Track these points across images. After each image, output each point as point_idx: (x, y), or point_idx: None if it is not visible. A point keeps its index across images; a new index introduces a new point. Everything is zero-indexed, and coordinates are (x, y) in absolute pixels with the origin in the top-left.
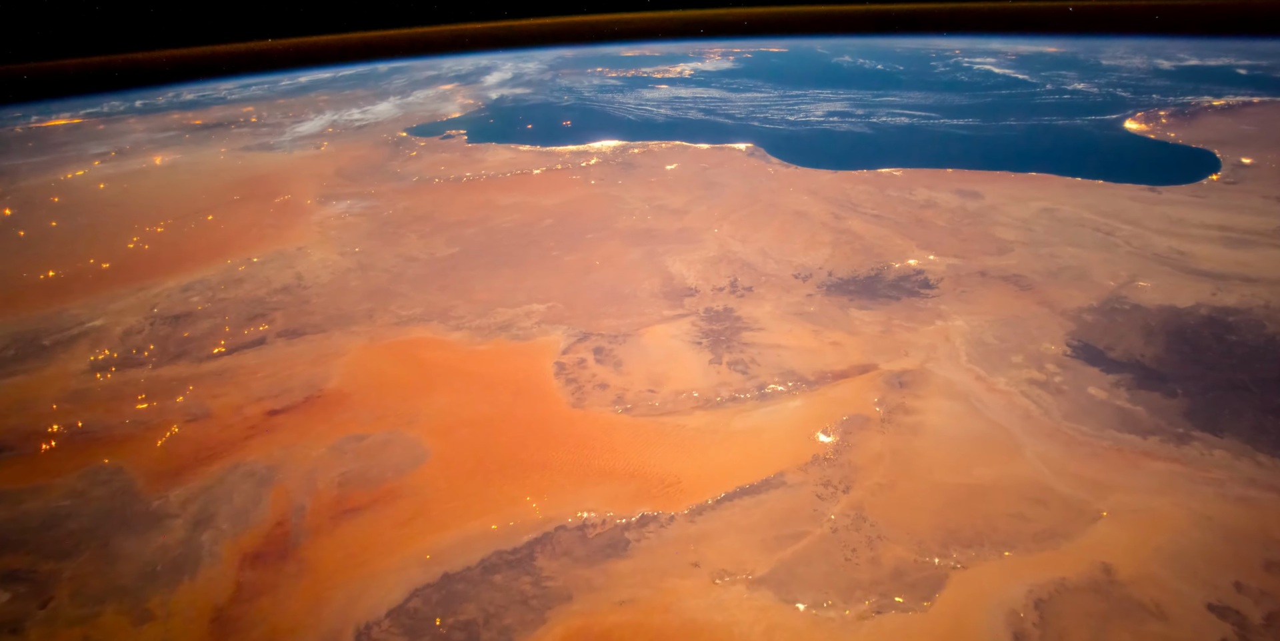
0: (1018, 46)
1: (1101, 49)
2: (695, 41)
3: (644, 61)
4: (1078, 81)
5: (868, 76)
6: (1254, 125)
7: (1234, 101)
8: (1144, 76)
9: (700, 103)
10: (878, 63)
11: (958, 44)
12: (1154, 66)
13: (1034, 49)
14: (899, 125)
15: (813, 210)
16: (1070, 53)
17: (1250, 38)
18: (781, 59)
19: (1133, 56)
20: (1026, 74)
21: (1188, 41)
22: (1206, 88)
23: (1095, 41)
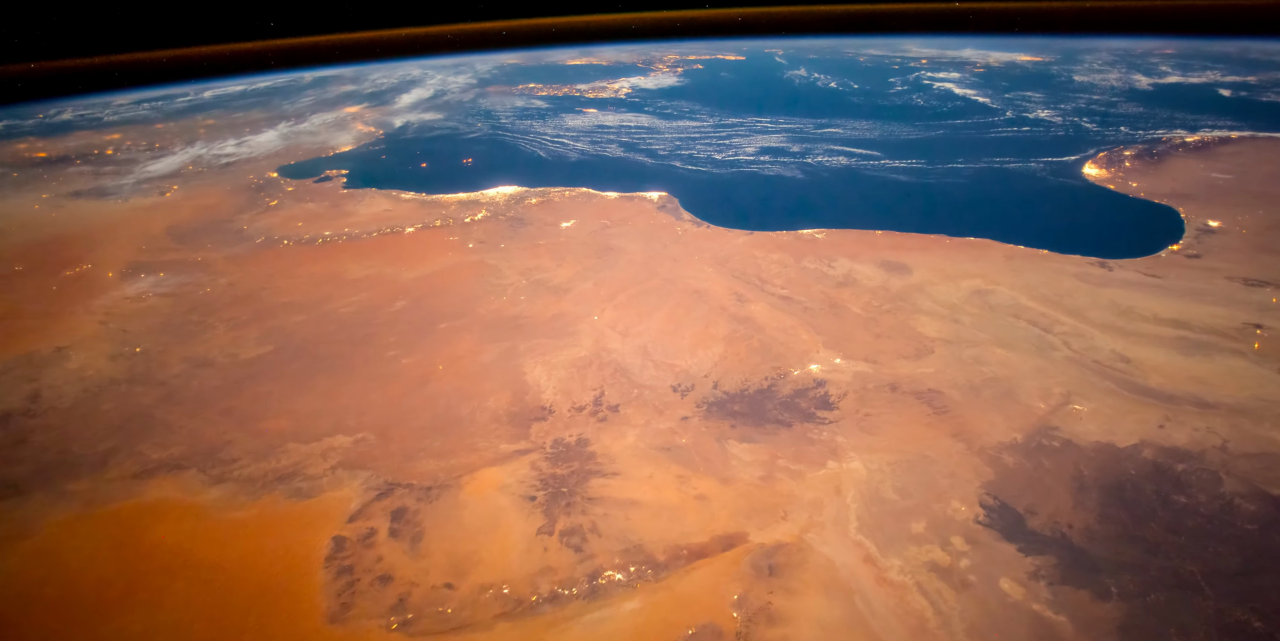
0: (991, 55)
1: (1081, 56)
2: (660, 43)
3: (586, 74)
4: (1042, 107)
5: (817, 98)
6: (1228, 170)
7: (1209, 138)
8: (1116, 99)
9: (625, 134)
10: (833, 79)
11: (931, 49)
12: (1130, 84)
13: (1007, 57)
14: (835, 168)
15: (714, 289)
16: (1044, 64)
17: (1245, 38)
18: (732, 72)
19: (1110, 69)
20: (989, 96)
21: (1177, 42)
22: (1182, 117)
23: (1081, 42)
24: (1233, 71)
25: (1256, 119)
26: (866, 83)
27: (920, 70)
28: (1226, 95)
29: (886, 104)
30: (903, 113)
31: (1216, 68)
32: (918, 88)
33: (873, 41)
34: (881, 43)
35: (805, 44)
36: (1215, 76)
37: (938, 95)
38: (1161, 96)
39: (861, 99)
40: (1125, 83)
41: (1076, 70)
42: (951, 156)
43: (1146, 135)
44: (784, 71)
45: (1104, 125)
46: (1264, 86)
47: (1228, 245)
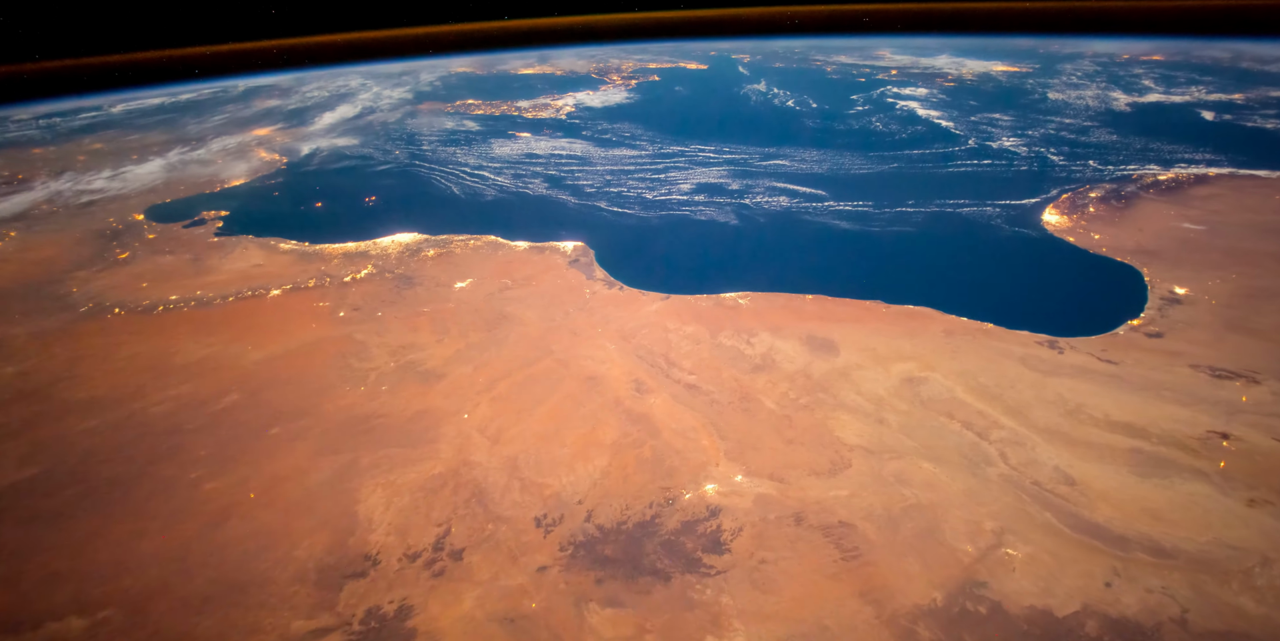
0: (966, 64)
1: (1061, 65)
2: (636, 44)
3: (533, 86)
4: (1009, 134)
5: (770, 120)
6: (1200, 220)
7: (1184, 176)
8: (1089, 124)
9: (554, 165)
10: (791, 96)
11: (905, 55)
12: (1106, 104)
13: (983, 67)
14: (774, 211)
15: (613, 374)
16: (1020, 76)
17: (1242, 39)
18: (689, 85)
19: (1088, 83)
20: (953, 119)
21: (1169, 44)
22: (1157, 148)
23: (1069, 44)
24: (1219, 87)
25: (1237, 150)
26: (827, 100)
27: (887, 84)
28: (1209, 119)
29: (843, 128)
30: (858, 140)
31: (1202, 82)
32: (880, 107)
33: (852, 43)
34: (860, 44)
35: (780, 46)
36: (1199, 94)
37: (899, 117)
38: (1138, 120)
39: (817, 122)
40: (1102, 101)
41: (1053, 84)
42: (902, 196)
43: (1116, 171)
44: (742, 85)
45: (1072, 158)
46: (1249, 107)
47: (1194, 320)
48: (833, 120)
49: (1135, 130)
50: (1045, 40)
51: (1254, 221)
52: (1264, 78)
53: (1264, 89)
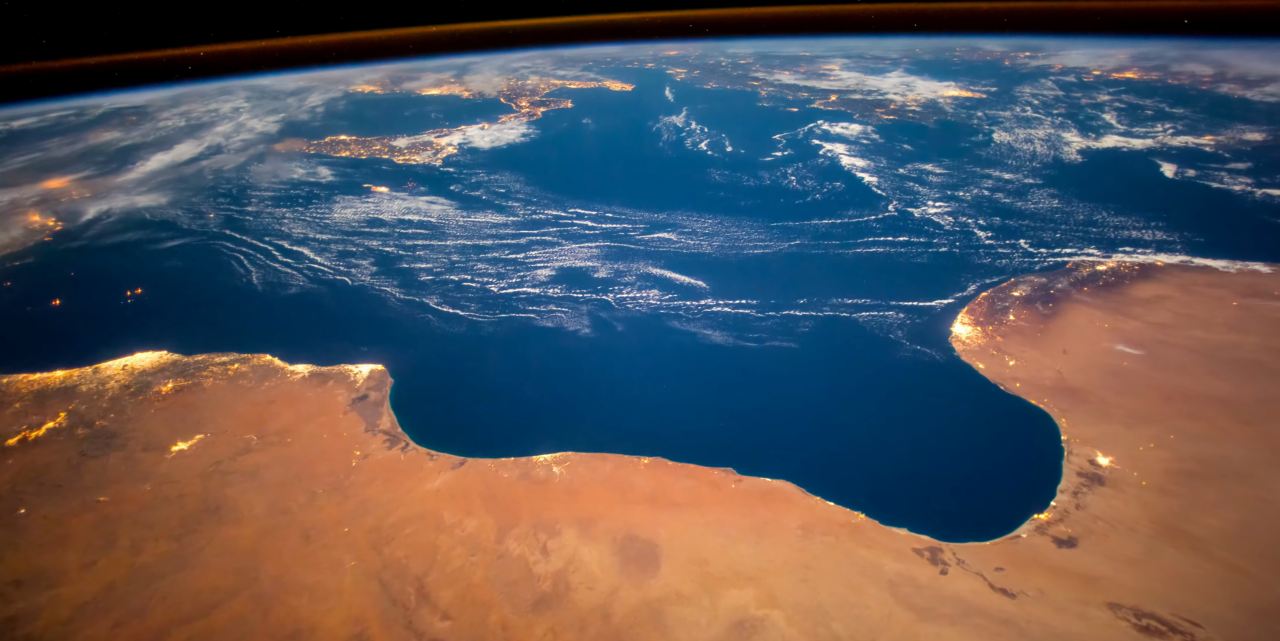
0: (916, 86)
1: (1020, 89)
2: (577, 48)
3: (424, 117)
4: (936, 196)
5: (672, 171)
6: (1140, 338)
7: (1128, 266)
8: (1031, 181)
9: (397, 238)
10: (708, 135)
11: (854, 72)
12: (1055, 151)
13: (933, 92)
14: (638, 315)
15: (326, 626)
16: (970, 106)
17: (1229, 39)
18: (600, 117)
19: (1041, 119)
20: (879, 171)
21: (1147, 47)
22: (1102, 221)
23: (1043, 44)
24: (1188, 124)
25: (1195, 226)
26: (746, 140)
27: (819, 118)
28: (1169, 175)
29: (752, 183)
30: (765, 202)
31: (1171, 117)
32: (802, 152)
33: (812, 47)
34: (817, 50)
35: (735, 51)
36: (1164, 136)
37: (819, 168)
38: (1087, 176)
39: (725, 174)
40: (1051, 146)
41: (1003, 119)
42: (795, 291)
43: (1049, 256)
44: (659, 118)
45: (1001, 235)
46: (1217, 159)
47: (1118, 516)
48: (744, 171)
49: (1081, 192)
50: (1025, 41)
51: (1202, 343)
52: (1241, 110)
53: (1238, 128)
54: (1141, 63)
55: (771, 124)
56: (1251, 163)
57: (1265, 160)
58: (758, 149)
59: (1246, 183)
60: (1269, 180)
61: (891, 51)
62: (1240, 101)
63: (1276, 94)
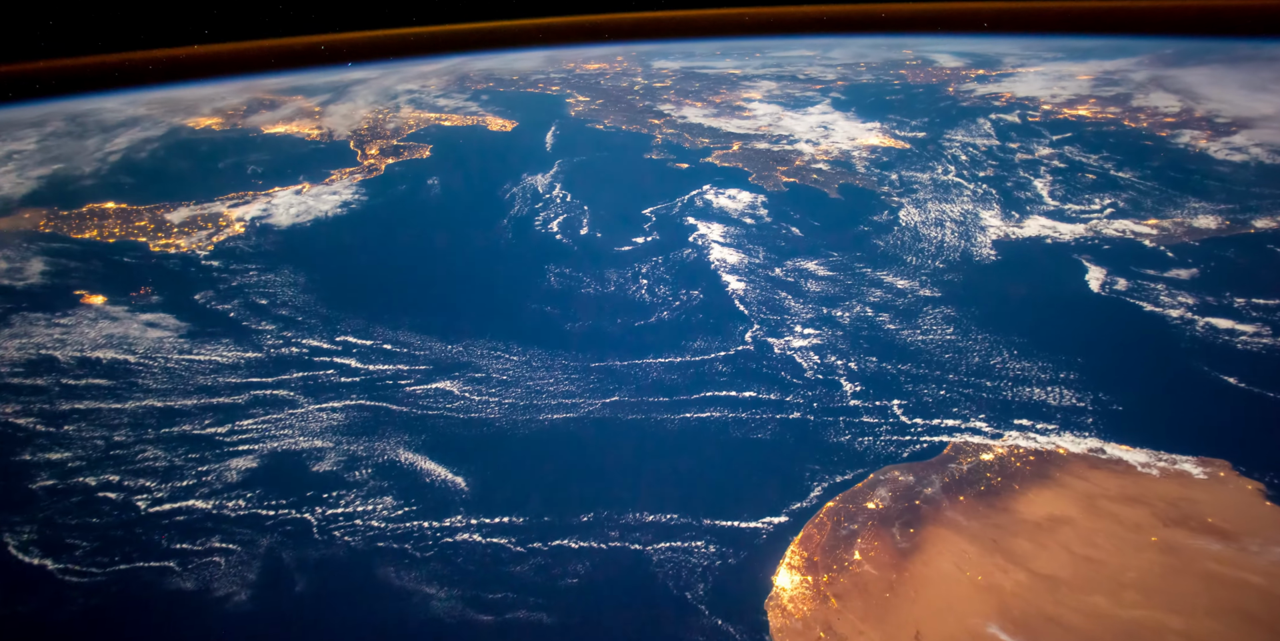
0: (833, 131)
1: (953, 134)
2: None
3: (239, 168)
4: (805, 317)
5: (499, 266)
6: (1026, 605)
7: (1022, 454)
8: (928, 293)
9: (36, 405)
10: (564, 208)
11: (773, 106)
12: (965, 243)
13: (851, 141)
14: (340, 558)
15: None
16: (886, 162)
17: (1205, 39)
18: (454, 173)
19: (964, 186)
20: (751, 273)
21: (1111, 61)
22: (1000, 369)
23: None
24: (1134, 197)
25: (1114, 383)
26: (611, 216)
27: (709, 180)
28: (1094, 288)
29: (590, 292)
30: (596, 324)
31: (1117, 185)
32: (671, 237)
33: (764, 48)
34: (765, 62)
35: (668, 64)
36: (1099, 220)
37: (682, 265)
38: (993, 290)
39: (567, 273)
40: (963, 236)
41: (917, 186)
42: (584, 498)
43: (926, 431)
44: (521, 178)
45: (873, 389)
46: (1157, 259)
47: None
48: (591, 269)
49: (984, 313)
50: (992, 45)
51: (1106, 626)
52: (1199, 173)
53: (1190, 206)
54: (1102, 89)
55: (652, 189)
56: (1197, 268)
57: (1212, 266)
58: (620, 231)
59: (1187, 304)
60: (1214, 301)
61: (835, 65)
62: (1200, 159)
63: (1243, 146)
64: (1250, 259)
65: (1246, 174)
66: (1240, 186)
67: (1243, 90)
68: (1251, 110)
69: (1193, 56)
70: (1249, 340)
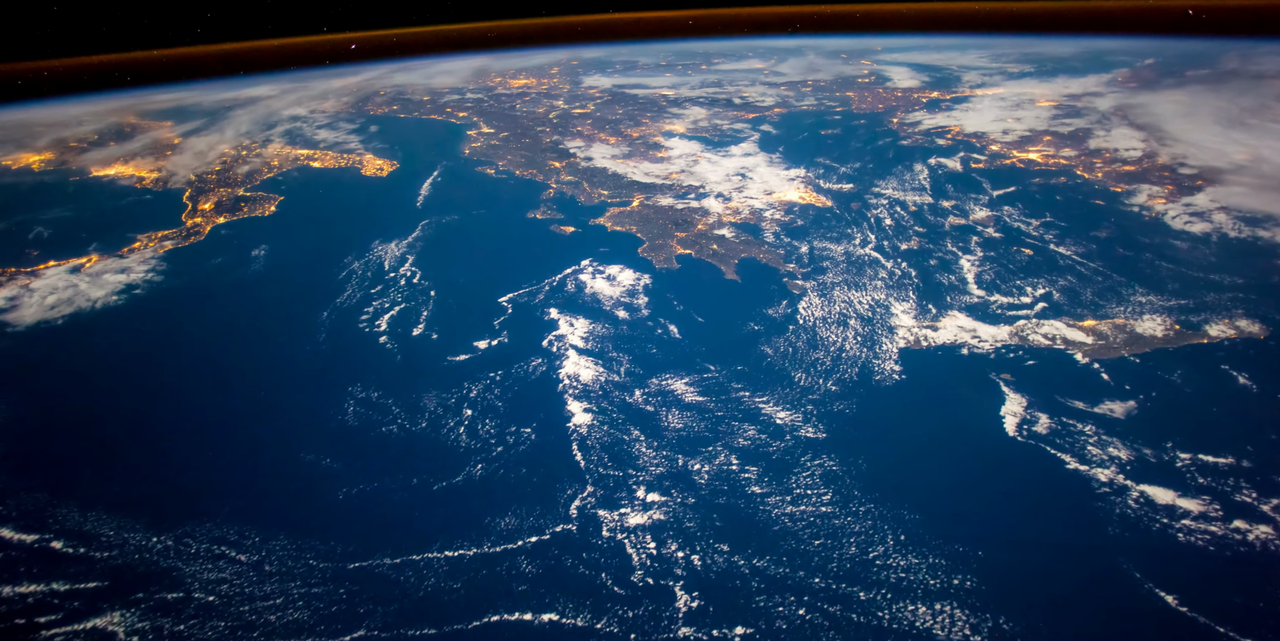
0: (749, 182)
1: (884, 187)
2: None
3: (32, 236)
4: (641, 494)
5: (284, 398)
6: None
7: None
8: (806, 447)
9: None
10: (403, 297)
11: (693, 144)
12: (869, 353)
13: (769, 195)
14: None
15: None
16: (795, 238)
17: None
18: (295, 237)
19: (880, 264)
20: (600, 404)
21: (1079, 80)
22: (895, 568)
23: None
24: (1069, 294)
25: (1024, 586)
26: (460, 306)
27: (591, 253)
28: (1010, 431)
29: (393, 429)
30: (375, 495)
31: (1050, 270)
32: (522, 340)
33: (726, 48)
34: (704, 80)
35: (599, 81)
36: (1028, 321)
37: (527, 387)
38: (889, 447)
39: (375, 398)
40: (867, 341)
41: (828, 263)
42: None
43: None
44: (372, 246)
45: (715, 602)
46: (1089, 383)
47: None
48: (405, 395)
49: (867, 474)
50: (969, 44)
51: None
52: (1153, 250)
53: (1137, 299)
54: (1060, 123)
55: (521, 265)
56: (1135, 401)
57: (1154, 397)
58: (463, 330)
59: (1119, 461)
60: (1153, 456)
61: (780, 84)
62: (1154, 228)
63: (1205, 210)
64: (1199, 386)
65: (1204, 253)
66: (1196, 270)
67: (1216, 126)
68: (1221, 156)
69: (1172, 71)
70: (1192, 528)
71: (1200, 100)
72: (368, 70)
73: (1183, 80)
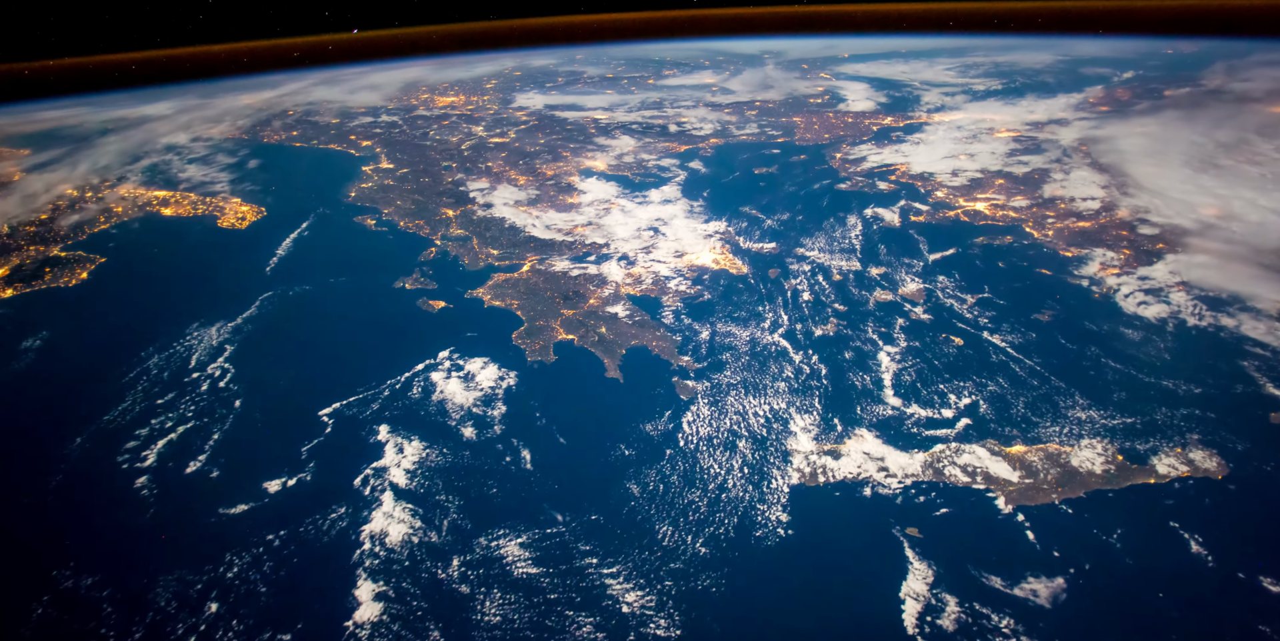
0: (666, 237)
1: (818, 227)
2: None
3: None
4: None
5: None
6: None
7: None
8: (674, 639)
9: None
10: (213, 433)
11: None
12: (753, 521)
13: (672, 265)
14: None
15: None
16: (689, 327)
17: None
18: (69, 341)
19: (750, 381)
20: (403, 614)
21: (1047, 101)
22: None
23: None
24: (998, 408)
25: None
26: (269, 421)
27: (463, 335)
28: (908, 628)
29: None
30: None
31: (980, 371)
32: (335, 472)
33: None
34: (643, 100)
35: (530, 101)
36: (945, 449)
37: (303, 559)
38: (775, 601)
39: (81, 595)
40: (763, 465)
41: (730, 354)
42: None
43: None
44: (183, 333)
45: None
46: (1029, 499)
47: None
48: (134, 574)
49: None
50: (942, 48)
51: None
52: (1108, 334)
53: (1073, 415)
54: (1016, 162)
55: (365, 356)
56: (1064, 579)
57: (1087, 571)
58: (252, 469)
59: None
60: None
61: (725, 106)
62: (1104, 311)
63: (1162, 288)
64: (1142, 558)
65: (1158, 348)
66: (1147, 372)
67: (1186, 169)
68: (1187, 210)
69: (1150, 90)
70: None
71: (1173, 133)
72: (295, 81)
73: (1159, 103)
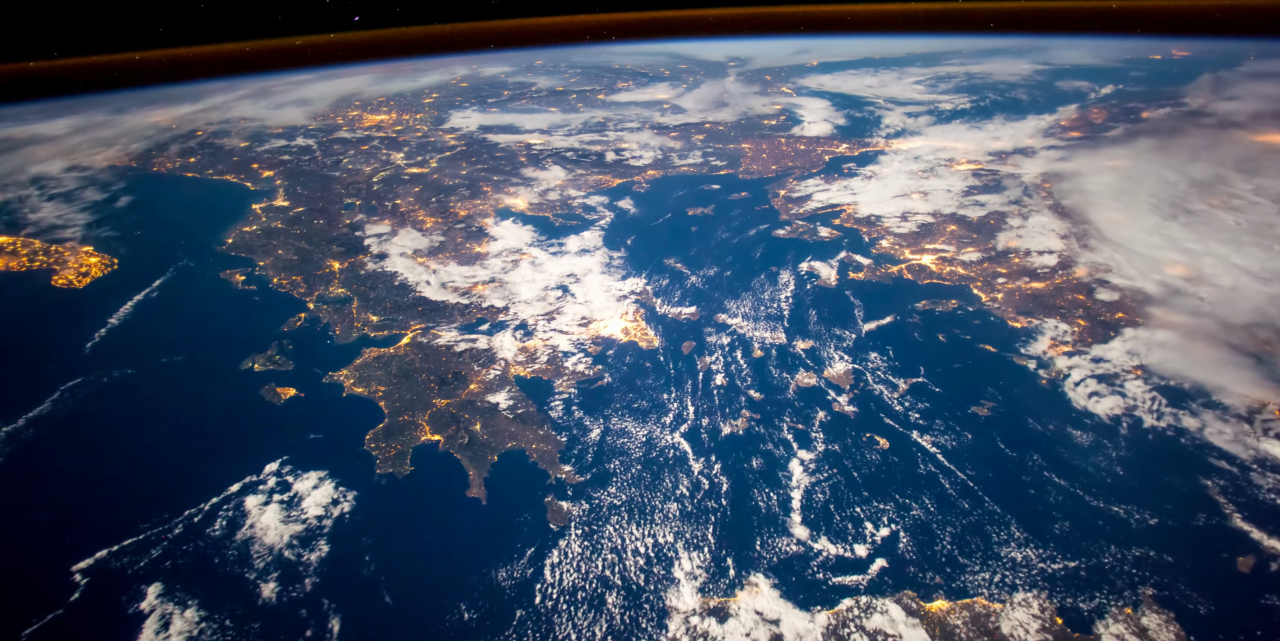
0: (573, 302)
1: (750, 289)
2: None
3: None
4: None
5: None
6: None
7: None
8: None
9: None
10: None
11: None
12: None
13: (579, 332)
14: None
15: None
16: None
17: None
18: None
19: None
20: None
21: (1015, 128)
22: None
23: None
24: (942, 501)
25: None
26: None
27: (304, 439)
28: None
29: None
30: None
31: (939, 425)
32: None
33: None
34: (587, 120)
35: (465, 121)
36: (872, 563)
37: None
38: None
39: None
40: (634, 627)
41: (622, 464)
42: None
43: None
44: None
45: None
46: None
47: None
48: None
49: None
50: (915, 54)
51: None
52: (1053, 439)
53: (1005, 554)
54: (972, 202)
55: (162, 473)
56: None
57: None
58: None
59: None
60: None
61: (671, 128)
62: (1051, 404)
63: (1118, 373)
64: None
65: (1108, 456)
66: (1094, 493)
67: (1154, 215)
68: (1152, 270)
69: (1128, 111)
70: None
71: (1144, 167)
72: (224, 92)
73: (1134, 128)
